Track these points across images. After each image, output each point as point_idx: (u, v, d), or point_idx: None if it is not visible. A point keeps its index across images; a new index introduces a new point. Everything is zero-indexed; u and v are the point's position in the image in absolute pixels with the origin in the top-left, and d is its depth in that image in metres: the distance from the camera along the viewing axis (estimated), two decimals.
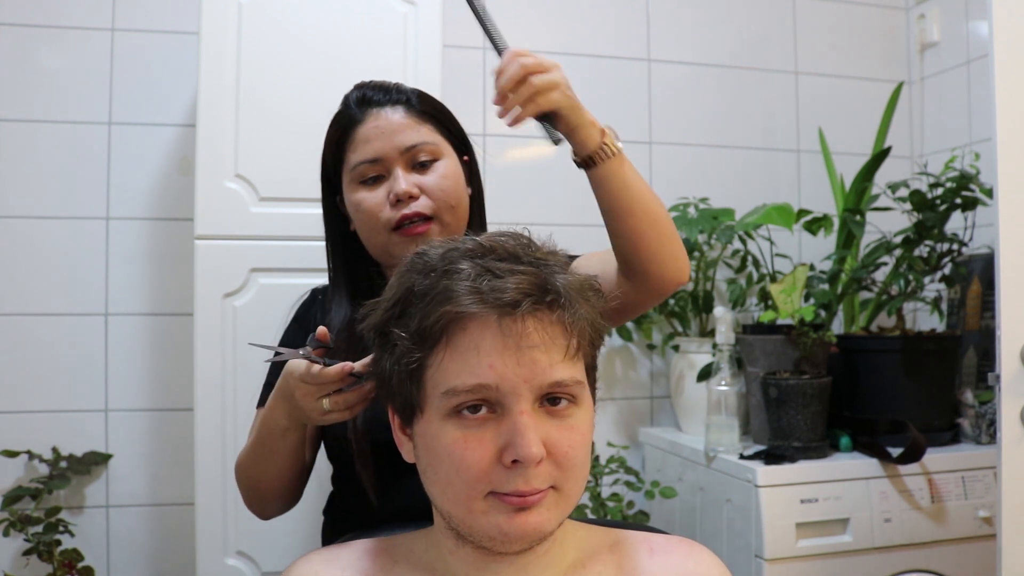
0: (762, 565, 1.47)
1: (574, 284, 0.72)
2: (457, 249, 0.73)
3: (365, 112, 1.11)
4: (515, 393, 0.69)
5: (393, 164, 1.08)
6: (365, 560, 0.79)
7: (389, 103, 1.11)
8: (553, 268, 0.72)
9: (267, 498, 1.11)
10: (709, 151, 2.12)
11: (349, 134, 1.11)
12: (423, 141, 1.09)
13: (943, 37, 2.15)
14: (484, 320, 0.69)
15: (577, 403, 0.73)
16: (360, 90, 1.14)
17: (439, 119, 1.13)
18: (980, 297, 1.85)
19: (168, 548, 1.81)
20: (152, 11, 1.83)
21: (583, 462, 0.73)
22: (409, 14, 1.61)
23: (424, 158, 1.09)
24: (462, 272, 0.70)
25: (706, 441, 1.67)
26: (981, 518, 1.57)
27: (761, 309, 1.89)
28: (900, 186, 1.73)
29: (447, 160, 1.11)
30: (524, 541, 0.71)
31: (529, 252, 0.73)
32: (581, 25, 2.06)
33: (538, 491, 0.69)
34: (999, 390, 1.25)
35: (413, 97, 1.13)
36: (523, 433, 0.68)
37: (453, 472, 0.70)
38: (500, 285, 0.68)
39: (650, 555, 0.79)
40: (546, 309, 0.70)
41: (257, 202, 1.54)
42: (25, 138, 1.78)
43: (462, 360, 0.69)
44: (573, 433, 0.72)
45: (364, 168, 1.09)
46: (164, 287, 1.83)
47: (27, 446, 1.73)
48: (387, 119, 1.09)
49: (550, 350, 0.70)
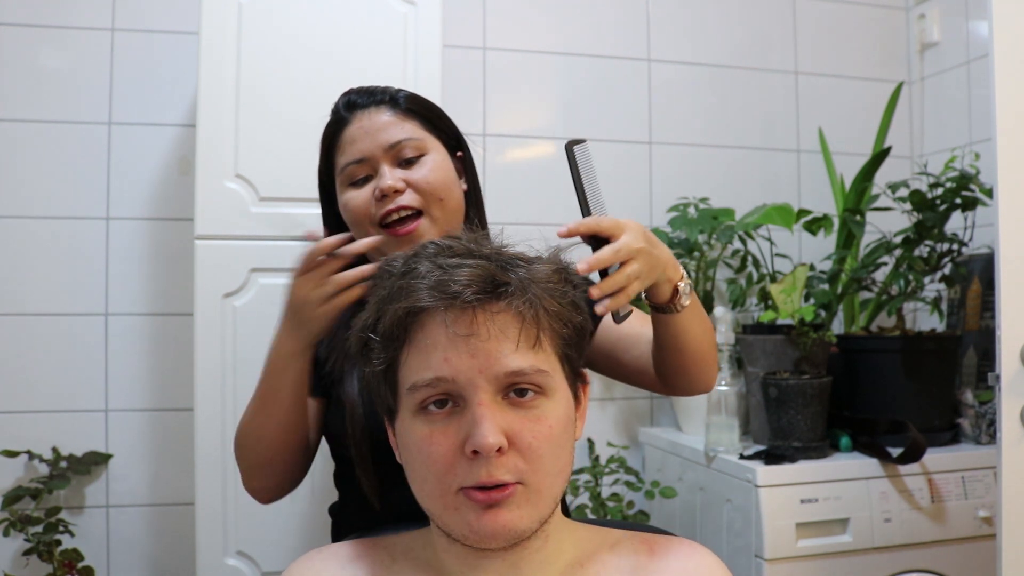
0: (762, 565, 1.47)
1: (536, 275, 0.73)
2: (418, 254, 0.75)
3: (351, 115, 1.12)
4: (472, 384, 0.70)
5: (379, 162, 1.09)
6: (364, 558, 0.80)
7: (374, 104, 1.12)
8: (510, 260, 0.74)
9: (269, 460, 1.08)
10: (709, 151, 2.12)
11: (337, 138, 1.13)
12: (407, 137, 1.10)
13: (943, 37, 2.15)
14: (436, 314, 0.71)
15: (546, 394, 0.73)
16: (346, 96, 1.15)
17: (425, 116, 1.14)
18: (980, 297, 1.85)
19: (168, 548, 1.81)
20: (152, 11, 1.83)
21: (552, 455, 0.72)
22: (409, 14, 1.61)
23: (410, 154, 1.10)
24: (417, 271, 0.72)
25: (706, 441, 1.67)
26: (981, 518, 1.57)
27: (761, 309, 1.89)
28: (900, 186, 1.73)
29: (434, 155, 1.11)
30: (496, 539, 0.71)
31: (487, 248, 0.75)
32: (581, 25, 2.06)
33: (503, 484, 0.69)
34: (999, 390, 1.25)
35: (398, 96, 1.13)
36: (480, 423, 0.69)
37: (424, 467, 0.72)
38: (447, 278, 0.70)
39: (650, 555, 0.79)
40: (496, 300, 0.71)
41: (257, 202, 1.54)
42: (25, 138, 1.78)
43: (422, 355, 0.71)
44: (539, 424, 0.71)
45: (352, 169, 1.10)
46: (164, 287, 1.83)
47: (27, 446, 1.73)
48: (371, 119, 1.10)
49: (502, 340, 0.71)
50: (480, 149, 1.22)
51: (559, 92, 2.05)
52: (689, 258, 1.91)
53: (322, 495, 1.25)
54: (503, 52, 2.01)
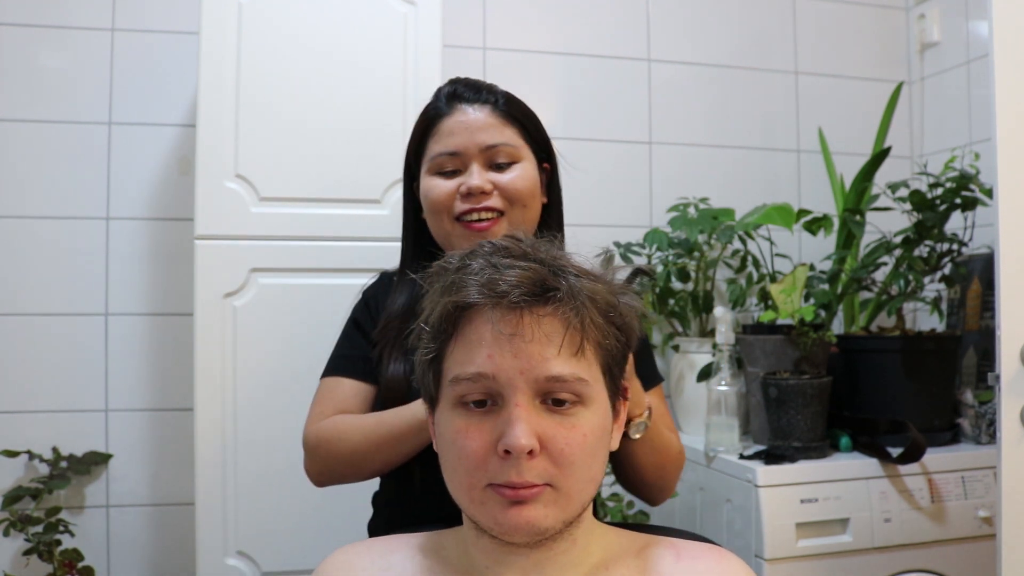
0: (762, 565, 1.47)
1: (585, 286, 0.74)
2: (475, 252, 0.76)
3: (453, 106, 1.13)
4: (512, 385, 0.71)
5: (471, 160, 1.11)
6: (396, 554, 0.82)
7: (478, 101, 1.13)
8: (563, 267, 0.74)
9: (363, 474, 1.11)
10: (709, 151, 2.12)
11: (434, 125, 1.14)
12: (504, 142, 1.12)
13: (943, 37, 2.15)
14: (484, 312, 0.72)
15: (584, 403, 0.73)
16: (452, 85, 1.17)
17: (524, 123, 1.15)
18: (980, 297, 1.85)
19: (168, 548, 1.81)
20: (152, 11, 1.83)
21: (583, 462, 0.73)
22: (409, 14, 1.61)
23: (502, 160, 1.12)
24: (471, 267, 0.74)
25: (706, 441, 1.67)
26: (981, 518, 1.57)
27: (761, 309, 1.89)
28: (900, 186, 1.73)
29: (525, 163, 1.13)
30: (520, 534, 0.72)
31: (544, 253, 0.75)
32: (581, 25, 2.06)
33: (531, 485, 0.70)
34: (999, 390, 1.25)
35: (501, 99, 1.15)
36: (514, 423, 0.70)
37: (456, 460, 0.73)
38: (497, 277, 0.71)
39: (676, 560, 0.79)
40: (544, 304, 0.72)
41: (257, 202, 1.54)
42: (25, 138, 1.78)
43: (467, 350, 0.73)
44: (572, 432, 0.72)
45: (443, 159, 1.12)
46: (164, 287, 1.83)
47: (27, 446, 1.73)
48: (473, 116, 1.12)
49: (546, 344, 0.71)
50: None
51: (559, 92, 2.05)
52: (689, 258, 1.91)
53: (323, 495, 1.25)
54: (503, 52, 2.01)
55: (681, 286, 1.95)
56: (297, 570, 1.54)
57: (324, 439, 1.10)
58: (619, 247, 1.93)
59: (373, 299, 1.21)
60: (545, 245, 0.77)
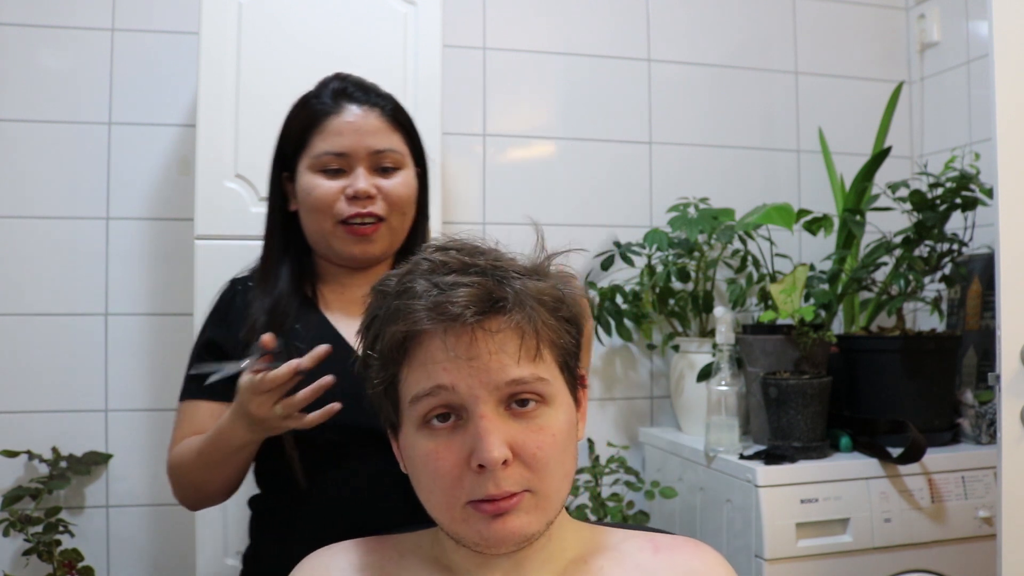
0: (762, 565, 1.47)
1: (531, 288, 0.73)
2: (412, 271, 0.75)
3: (340, 105, 1.13)
4: (474, 396, 0.70)
5: (357, 162, 1.11)
6: (373, 554, 0.82)
7: (367, 103, 1.13)
8: (506, 273, 0.73)
9: (210, 497, 1.13)
10: (709, 151, 2.12)
11: (320, 121, 1.13)
12: (391, 148, 1.12)
13: (943, 37, 2.15)
14: (436, 335, 0.71)
15: (547, 403, 0.73)
16: (342, 82, 1.16)
17: (409, 131, 1.17)
18: (980, 297, 1.85)
19: (168, 548, 1.81)
20: (152, 11, 1.83)
21: (557, 462, 0.73)
22: (409, 14, 1.61)
23: (388, 164, 1.12)
24: (414, 290, 0.72)
25: (706, 441, 1.67)
26: (981, 518, 1.57)
27: (761, 309, 1.89)
28: (900, 186, 1.73)
29: (407, 171, 1.15)
30: (507, 545, 0.72)
31: (481, 259, 0.74)
32: (581, 25, 2.06)
33: (510, 494, 0.70)
34: (999, 390, 1.24)
35: (389, 104, 1.15)
36: (483, 437, 0.69)
37: (431, 482, 0.73)
38: (445, 299, 0.70)
39: (654, 553, 0.80)
40: (495, 315, 0.71)
41: (257, 202, 1.54)
42: (25, 138, 1.78)
43: (422, 370, 0.72)
44: (542, 434, 0.72)
45: (328, 159, 1.11)
46: (164, 287, 1.83)
47: (27, 446, 1.73)
48: (362, 118, 1.12)
49: (502, 354, 0.71)
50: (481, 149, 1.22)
51: (559, 92, 2.05)
52: (689, 258, 1.91)
53: None
54: (503, 52, 2.01)
55: (681, 286, 1.95)
56: None
57: (175, 464, 1.10)
58: (619, 247, 1.93)
59: (230, 311, 1.16)
60: (478, 248, 0.77)
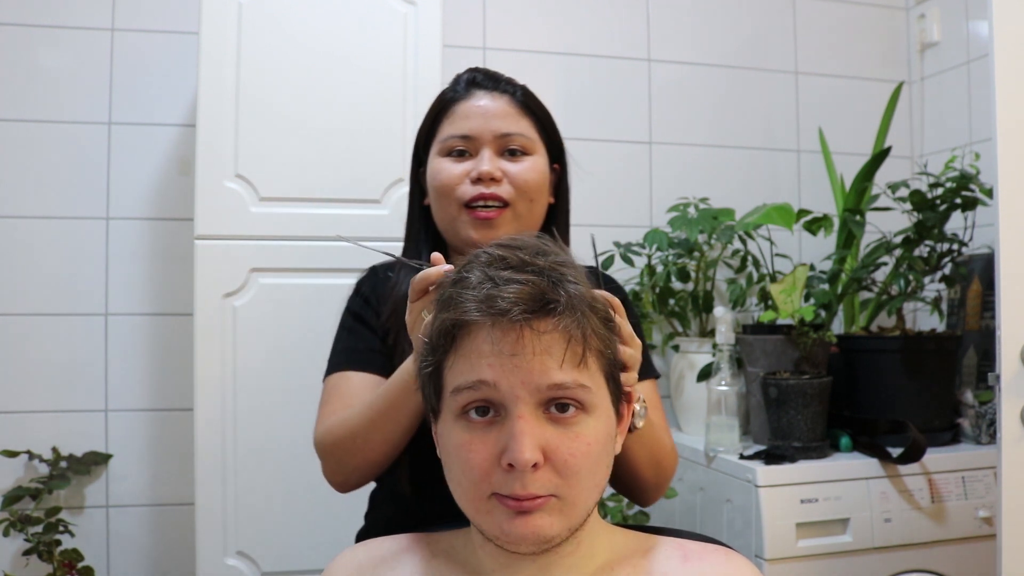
0: (762, 565, 1.47)
1: (585, 295, 0.73)
2: (472, 262, 0.75)
3: (470, 92, 1.12)
4: (514, 395, 0.70)
5: (484, 145, 1.09)
6: (406, 553, 0.82)
7: (497, 90, 1.13)
8: (562, 276, 0.73)
9: (369, 465, 1.04)
10: (709, 151, 2.12)
11: (449, 108, 1.12)
12: (519, 132, 1.10)
13: (943, 37, 2.15)
14: (483, 328, 0.71)
15: (587, 411, 0.73)
16: (472, 73, 1.16)
17: (540, 118, 1.14)
18: (980, 297, 1.85)
19: (168, 548, 1.81)
20: (152, 11, 1.83)
21: (588, 471, 0.72)
22: (409, 14, 1.61)
23: (515, 147, 1.10)
24: (468, 281, 0.72)
25: (706, 441, 1.67)
26: (981, 518, 1.57)
27: (761, 309, 1.89)
28: (900, 186, 1.73)
29: (537, 157, 1.12)
30: (527, 544, 0.71)
31: (541, 260, 0.74)
32: (581, 25, 2.06)
33: (535, 496, 0.70)
34: (999, 390, 1.25)
35: (520, 91, 1.14)
36: (517, 437, 0.69)
37: (460, 472, 0.73)
38: (497, 293, 0.70)
39: (684, 561, 0.79)
40: (544, 316, 0.70)
41: (257, 202, 1.55)
42: (25, 138, 1.78)
43: (466, 361, 0.71)
44: (577, 441, 0.71)
45: (454, 141, 1.10)
46: (164, 287, 1.83)
47: (27, 446, 1.73)
48: (490, 102, 1.11)
49: (546, 356, 0.70)
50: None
51: (559, 92, 2.05)
52: (689, 258, 1.91)
53: (322, 495, 1.25)
54: (503, 52, 2.01)
55: (681, 286, 1.95)
56: (297, 570, 1.54)
57: (331, 433, 1.04)
58: (619, 247, 1.93)
59: (371, 292, 1.16)
60: (544, 249, 0.76)
